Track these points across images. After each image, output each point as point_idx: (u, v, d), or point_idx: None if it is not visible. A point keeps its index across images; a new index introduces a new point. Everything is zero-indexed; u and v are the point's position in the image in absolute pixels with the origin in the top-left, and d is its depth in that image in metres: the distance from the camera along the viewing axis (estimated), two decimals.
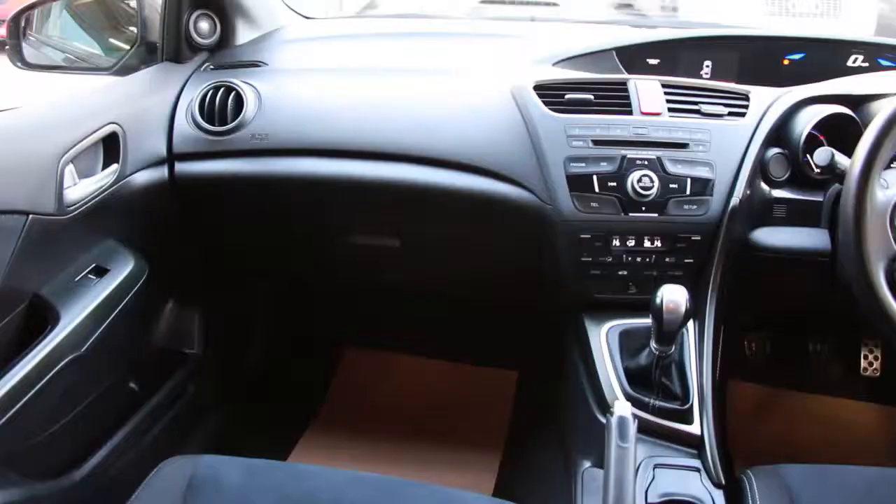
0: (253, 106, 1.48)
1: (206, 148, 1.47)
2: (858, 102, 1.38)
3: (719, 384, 2.00)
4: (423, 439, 1.93)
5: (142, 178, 1.46)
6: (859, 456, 1.86)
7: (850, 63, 1.66)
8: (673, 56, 1.66)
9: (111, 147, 1.40)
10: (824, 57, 1.66)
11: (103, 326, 1.32)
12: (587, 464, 1.29)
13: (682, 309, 1.16)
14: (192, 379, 1.75)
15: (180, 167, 1.49)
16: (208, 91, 1.49)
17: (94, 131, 1.36)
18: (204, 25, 1.68)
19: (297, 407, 2.06)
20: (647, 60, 1.65)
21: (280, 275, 1.96)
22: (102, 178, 1.38)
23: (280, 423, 1.98)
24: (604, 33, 1.79)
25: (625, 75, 1.51)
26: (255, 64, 1.63)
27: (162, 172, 1.49)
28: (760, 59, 1.68)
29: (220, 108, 1.47)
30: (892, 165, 1.42)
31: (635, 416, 1.18)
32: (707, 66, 1.68)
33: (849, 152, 1.21)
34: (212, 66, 1.63)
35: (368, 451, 1.90)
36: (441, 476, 1.74)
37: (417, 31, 1.94)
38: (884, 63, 1.66)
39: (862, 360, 1.92)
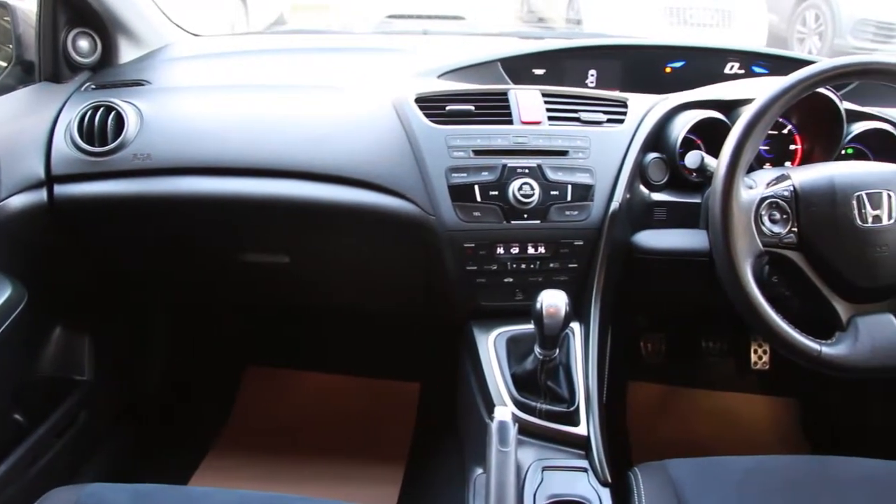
0: (134, 125, 1.44)
1: (85, 169, 1.43)
2: (730, 107, 1.43)
3: (619, 385, 2.06)
4: (327, 456, 1.92)
5: (18, 201, 1.41)
6: (751, 446, 1.93)
7: (727, 70, 1.73)
8: (559, 66, 1.70)
9: None
10: (703, 65, 1.72)
11: None
12: (479, 470, 1.29)
13: (562, 313, 1.18)
14: (83, 406, 1.70)
15: (59, 189, 1.44)
16: (87, 111, 1.46)
17: None
18: (83, 44, 1.63)
19: (198, 429, 2.02)
20: (533, 71, 1.69)
21: (173, 295, 1.92)
22: None
23: (181, 446, 1.94)
24: (491, 45, 1.82)
25: (505, 86, 1.54)
26: (138, 83, 1.59)
27: (40, 195, 1.44)
28: (643, 67, 1.73)
29: (100, 128, 1.44)
30: (764, 167, 1.49)
31: (518, 419, 1.21)
32: (592, 76, 1.72)
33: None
34: (93, 86, 1.59)
35: (271, 471, 1.88)
36: (344, 492, 1.73)
37: (307, 47, 1.93)
38: (757, 70, 1.73)
39: (752, 354, 1.99)
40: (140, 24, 1.73)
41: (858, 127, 1.47)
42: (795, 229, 1.20)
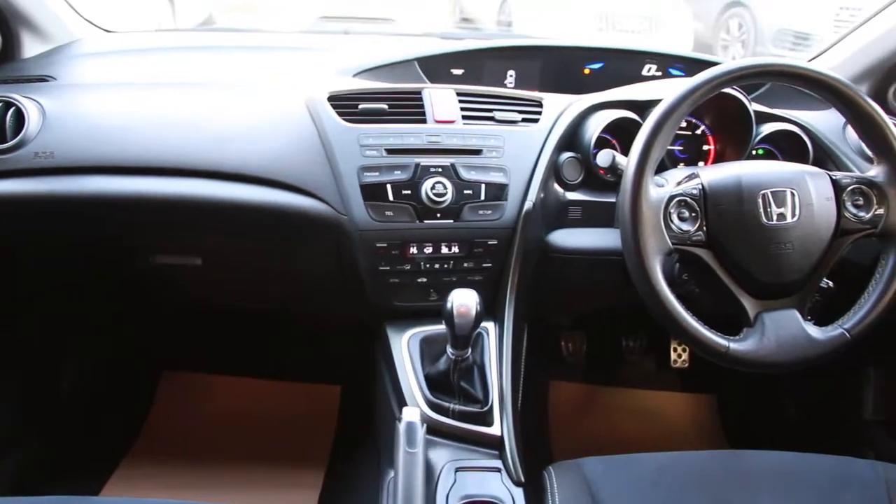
0: (36, 122, 1.39)
1: None
2: (643, 107, 1.45)
3: (540, 384, 2.07)
4: (245, 462, 1.88)
5: None
6: (671, 442, 1.96)
7: (644, 72, 1.75)
8: (477, 66, 1.69)
9: None
10: (621, 66, 1.74)
11: None
12: (393, 472, 1.28)
13: (473, 312, 1.17)
14: None
15: None
16: None
17: None
18: None
19: (110, 438, 1.95)
20: (452, 71, 1.68)
21: (81, 299, 1.85)
22: None
23: (92, 457, 1.87)
24: (412, 45, 1.80)
25: (420, 84, 1.53)
26: (42, 79, 1.53)
27: None
28: (562, 68, 1.74)
29: None
30: (678, 166, 1.51)
31: (429, 420, 1.20)
32: (511, 76, 1.72)
33: None
34: None
35: (187, 479, 1.83)
36: (262, 499, 1.69)
37: (225, 45, 1.89)
38: (674, 72, 1.76)
39: (672, 353, 2.02)
40: (45, 18, 1.67)
41: (767, 128, 1.50)
42: (704, 227, 1.21)
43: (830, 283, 1.32)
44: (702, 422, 2.13)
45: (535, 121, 1.44)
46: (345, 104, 1.39)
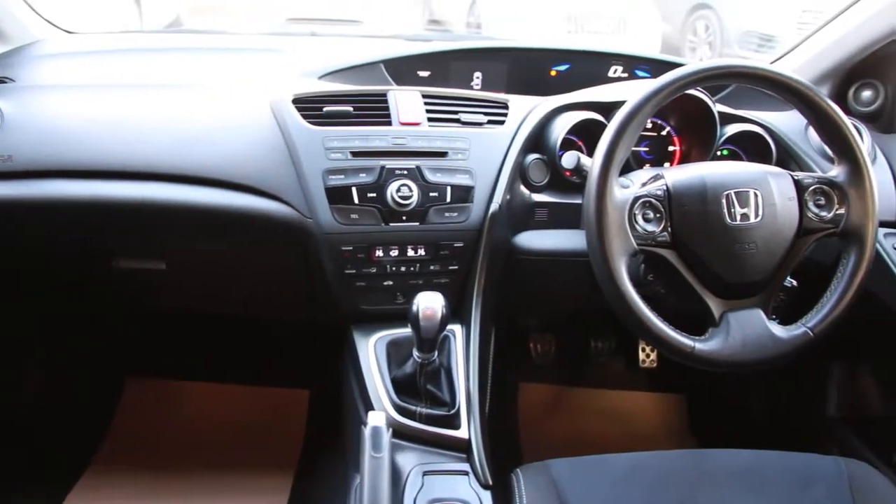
0: None
1: None
2: (609, 109, 1.45)
3: (509, 386, 2.07)
4: (213, 469, 1.86)
5: None
6: (640, 443, 1.97)
7: (611, 74, 1.76)
8: (444, 68, 1.69)
9: None
10: (588, 68, 1.75)
11: None
12: (359, 477, 1.27)
13: (439, 315, 1.17)
14: None
15: None
16: None
17: None
18: None
19: (74, 447, 1.92)
20: (418, 73, 1.68)
21: (43, 304, 1.82)
22: None
23: (54, 466, 1.84)
24: (378, 47, 1.80)
25: (385, 87, 1.52)
26: (0, 80, 1.51)
27: None
28: (528, 70, 1.74)
29: None
30: (644, 168, 1.52)
31: (396, 424, 1.19)
32: (477, 78, 1.72)
33: None
34: None
35: (153, 486, 1.81)
36: None
37: (190, 46, 1.87)
38: (640, 74, 1.76)
39: (640, 353, 2.03)
40: (3, 19, 1.66)
41: (731, 129, 1.51)
42: (669, 228, 1.21)
43: (794, 283, 1.34)
44: (670, 421, 2.15)
45: (501, 122, 1.44)
46: (309, 107, 1.38)
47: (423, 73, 1.68)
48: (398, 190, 1.31)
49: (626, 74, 1.76)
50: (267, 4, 4.68)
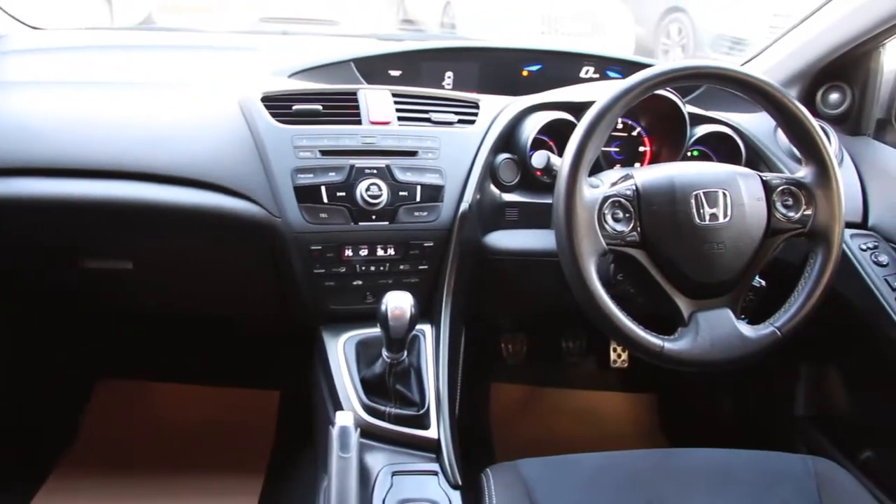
0: None
1: None
2: (579, 109, 1.44)
3: (480, 386, 2.07)
4: (182, 471, 1.83)
5: None
6: (611, 442, 1.97)
7: (582, 74, 1.77)
8: (415, 68, 1.69)
9: None
10: (559, 68, 1.75)
11: None
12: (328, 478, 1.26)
13: (408, 315, 1.16)
14: None
15: None
16: None
17: None
18: None
19: (41, 448, 1.89)
20: (390, 72, 1.67)
21: (9, 303, 1.79)
22: None
23: (21, 466, 1.81)
24: (349, 46, 1.79)
25: (356, 86, 1.51)
26: None
27: None
28: (500, 70, 1.74)
29: None
30: (615, 168, 1.52)
31: (365, 424, 1.18)
32: (449, 77, 1.72)
33: None
34: None
35: (122, 488, 1.78)
36: None
37: (159, 44, 1.84)
38: (612, 74, 1.77)
39: (611, 353, 2.04)
40: None
41: (701, 130, 1.52)
42: (638, 228, 1.22)
43: (763, 283, 1.34)
44: (642, 421, 2.16)
45: (472, 122, 1.44)
46: (279, 105, 1.37)
47: (395, 73, 1.68)
48: (368, 189, 1.30)
49: (597, 75, 1.77)
50: (241, 3, 4.65)
